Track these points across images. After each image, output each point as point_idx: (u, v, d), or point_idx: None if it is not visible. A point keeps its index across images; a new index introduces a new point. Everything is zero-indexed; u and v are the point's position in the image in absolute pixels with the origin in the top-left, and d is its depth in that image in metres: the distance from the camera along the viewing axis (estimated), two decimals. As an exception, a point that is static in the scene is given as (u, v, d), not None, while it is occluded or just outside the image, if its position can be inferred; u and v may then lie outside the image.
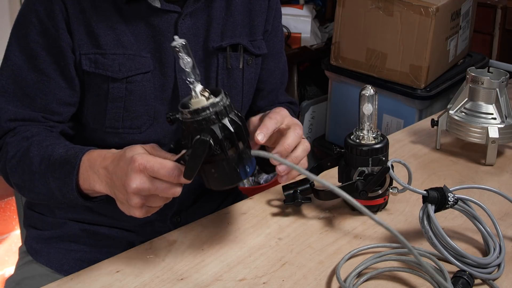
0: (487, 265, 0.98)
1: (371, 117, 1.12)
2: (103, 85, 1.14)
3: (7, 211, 2.77)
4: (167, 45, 1.15)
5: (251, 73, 1.26)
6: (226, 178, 0.93)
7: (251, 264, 1.01)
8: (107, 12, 1.12)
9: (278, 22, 1.33)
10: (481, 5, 2.51)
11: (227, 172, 0.92)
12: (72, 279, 0.99)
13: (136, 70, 1.14)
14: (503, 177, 1.30)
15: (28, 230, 1.30)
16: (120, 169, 0.94)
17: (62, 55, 1.12)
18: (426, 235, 0.99)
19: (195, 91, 0.91)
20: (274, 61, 1.33)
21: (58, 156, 1.04)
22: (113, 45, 1.12)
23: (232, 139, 0.91)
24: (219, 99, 0.90)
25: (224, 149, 0.90)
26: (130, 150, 0.95)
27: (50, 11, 1.10)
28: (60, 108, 1.15)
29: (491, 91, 1.33)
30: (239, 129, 0.91)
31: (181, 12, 1.16)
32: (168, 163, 0.91)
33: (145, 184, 0.91)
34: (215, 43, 1.20)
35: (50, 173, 1.04)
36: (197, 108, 0.90)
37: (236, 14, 1.22)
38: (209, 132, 0.89)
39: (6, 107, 1.13)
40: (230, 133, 0.90)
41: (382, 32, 2.23)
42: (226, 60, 1.21)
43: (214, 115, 0.90)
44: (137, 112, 1.16)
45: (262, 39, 1.27)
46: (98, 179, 0.98)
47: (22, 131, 1.12)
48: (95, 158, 1.00)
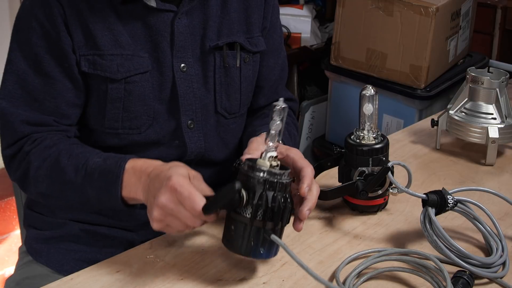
0: (491, 264, 0.98)
1: (371, 117, 1.12)
2: (101, 86, 1.14)
3: (7, 211, 2.77)
4: (164, 44, 1.15)
5: (249, 71, 1.26)
6: (236, 243, 0.93)
7: (251, 264, 1.01)
8: (103, 13, 1.12)
9: (276, 18, 1.32)
10: (481, 5, 2.51)
11: (241, 238, 0.92)
12: (72, 279, 0.99)
13: (135, 70, 1.14)
14: (503, 177, 1.30)
15: (28, 230, 1.30)
16: (158, 181, 0.96)
17: (65, 56, 1.12)
18: (430, 239, 1.00)
19: (267, 152, 0.93)
20: (274, 57, 1.33)
21: (96, 165, 1.05)
22: (111, 46, 1.13)
23: (265, 212, 0.91)
24: (278, 173, 0.92)
25: (252, 215, 0.91)
26: (175, 168, 0.97)
27: (49, 14, 1.11)
28: (69, 110, 1.15)
29: (491, 91, 1.33)
30: (278, 210, 0.92)
31: (177, 11, 1.16)
32: (197, 196, 0.92)
33: (170, 203, 0.93)
34: (212, 42, 1.20)
35: (87, 183, 1.05)
36: (255, 165, 0.91)
37: (232, 12, 1.22)
38: (250, 190, 0.90)
39: (17, 111, 1.13)
40: (265, 206, 0.91)
41: (382, 32, 2.23)
42: (223, 58, 1.21)
43: (263, 181, 0.91)
44: (136, 113, 1.16)
45: (260, 36, 1.27)
46: (140, 185, 1.00)
47: (41, 138, 1.12)
48: (141, 165, 1.02)
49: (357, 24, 2.29)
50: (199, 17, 1.19)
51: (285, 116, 0.95)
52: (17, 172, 1.14)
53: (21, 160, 1.13)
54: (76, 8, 1.11)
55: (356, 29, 2.29)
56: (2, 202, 2.80)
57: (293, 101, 1.41)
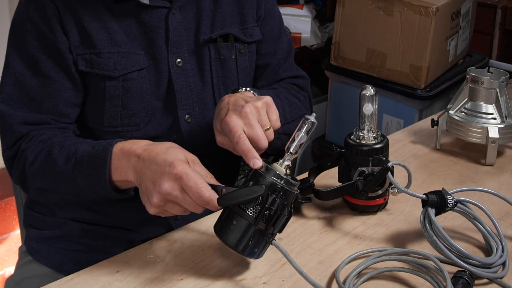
0: (491, 264, 0.98)
1: (371, 117, 1.12)
2: (99, 84, 1.14)
3: (7, 211, 2.77)
4: (159, 41, 1.16)
5: (245, 61, 1.26)
6: (233, 237, 0.94)
7: (251, 264, 1.01)
8: (97, 12, 1.13)
9: (272, 5, 1.32)
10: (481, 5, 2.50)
11: (241, 235, 0.94)
12: (72, 279, 0.99)
13: (132, 68, 1.14)
14: (503, 177, 1.30)
15: (28, 230, 1.30)
16: (156, 166, 0.95)
17: (62, 56, 1.13)
18: (430, 239, 1.00)
19: (285, 160, 0.95)
20: (274, 43, 1.32)
21: (85, 153, 1.05)
22: (107, 44, 1.13)
23: (270, 218, 0.93)
24: (293, 183, 0.94)
25: (257, 217, 0.93)
26: (172, 151, 0.96)
27: (44, 15, 1.11)
28: (68, 109, 1.15)
29: (491, 91, 1.33)
30: (281, 218, 0.94)
31: (170, 7, 1.16)
32: (203, 187, 0.92)
33: (175, 191, 0.93)
34: (206, 35, 1.20)
35: (77, 171, 1.05)
36: (275, 171, 0.93)
37: (224, 5, 1.23)
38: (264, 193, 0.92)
39: (15, 113, 1.13)
40: (274, 212, 0.93)
41: (382, 32, 2.23)
42: (218, 51, 1.22)
43: (279, 188, 0.93)
44: (134, 110, 1.16)
45: (255, 26, 1.27)
46: (130, 166, 0.99)
47: (37, 135, 1.13)
48: (129, 146, 1.00)
49: (357, 24, 2.29)
50: (192, 11, 1.20)
51: (312, 131, 0.97)
52: (16, 171, 1.14)
53: (19, 158, 1.13)
54: (70, 8, 1.12)
55: (356, 29, 2.29)
56: (2, 202, 2.80)
57: (301, 77, 1.40)
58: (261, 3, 1.29)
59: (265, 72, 1.33)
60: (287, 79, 1.37)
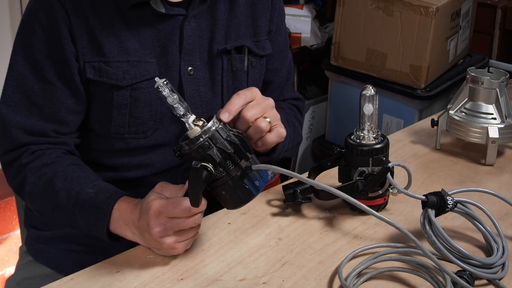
0: (492, 265, 0.98)
1: (371, 117, 1.12)
2: (107, 93, 1.14)
3: (7, 211, 2.77)
4: (173, 48, 1.15)
5: (256, 74, 1.26)
6: (237, 198, 0.97)
7: (251, 264, 1.01)
8: (110, 19, 1.12)
9: (282, 20, 1.32)
10: (481, 5, 2.50)
11: (237, 191, 0.96)
12: (72, 279, 0.99)
13: (141, 77, 1.14)
14: (503, 177, 1.30)
15: (29, 230, 1.30)
16: (143, 221, 0.99)
17: (67, 64, 1.12)
18: (429, 240, 1.00)
19: (188, 122, 0.96)
20: (280, 60, 1.33)
21: (88, 196, 1.07)
22: (117, 52, 1.12)
23: (233, 159, 0.94)
24: (210, 125, 0.95)
25: (227, 170, 0.94)
26: (145, 201, 1.00)
27: (53, 20, 1.10)
28: (68, 116, 1.15)
29: (491, 91, 1.33)
30: (237, 148, 0.95)
31: (186, 14, 1.15)
32: (179, 202, 0.96)
33: (165, 225, 0.97)
34: (220, 45, 1.20)
35: (78, 212, 1.07)
36: (191, 138, 0.94)
37: (239, 16, 1.22)
38: (207, 158, 0.93)
39: (14, 118, 1.13)
40: (228, 155, 0.94)
41: (382, 32, 2.23)
42: (231, 62, 1.21)
43: (207, 141, 0.94)
44: (142, 118, 1.16)
45: (266, 39, 1.27)
46: (130, 230, 1.03)
47: (39, 153, 1.13)
48: (124, 210, 1.04)
49: (357, 24, 2.29)
50: (207, 20, 1.19)
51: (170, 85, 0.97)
52: (14, 181, 1.15)
53: (18, 171, 1.13)
54: (81, 14, 1.11)
55: (356, 29, 2.29)
56: (2, 202, 2.80)
57: (300, 100, 1.42)
58: (274, 17, 1.28)
59: (268, 89, 1.33)
60: (289, 100, 1.38)
